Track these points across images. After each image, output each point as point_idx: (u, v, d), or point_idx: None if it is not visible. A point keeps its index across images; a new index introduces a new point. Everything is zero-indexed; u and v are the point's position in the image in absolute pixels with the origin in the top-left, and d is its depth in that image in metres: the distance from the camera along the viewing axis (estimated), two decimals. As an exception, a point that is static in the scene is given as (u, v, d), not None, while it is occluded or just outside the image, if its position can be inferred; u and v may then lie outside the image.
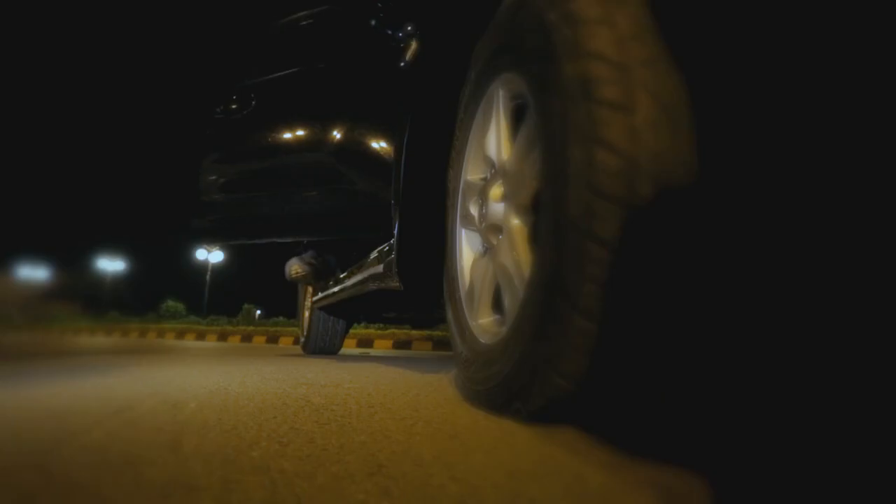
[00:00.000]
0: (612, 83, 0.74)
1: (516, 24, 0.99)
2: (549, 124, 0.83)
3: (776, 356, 0.77)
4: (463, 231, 1.32)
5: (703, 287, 0.75)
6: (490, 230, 1.15)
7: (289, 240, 3.06)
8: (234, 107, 2.59)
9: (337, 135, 2.33)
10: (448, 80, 1.46)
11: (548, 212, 0.83)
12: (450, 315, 1.33)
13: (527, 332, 0.86)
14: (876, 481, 0.63)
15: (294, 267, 3.24)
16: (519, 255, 1.00)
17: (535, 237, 0.95)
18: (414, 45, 1.69)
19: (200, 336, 11.21)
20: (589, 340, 0.75)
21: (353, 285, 2.40)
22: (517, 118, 1.09)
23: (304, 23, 2.70)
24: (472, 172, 1.29)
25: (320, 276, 3.25)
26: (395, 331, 8.24)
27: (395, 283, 1.72)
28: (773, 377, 0.80)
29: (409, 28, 1.87)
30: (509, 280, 1.03)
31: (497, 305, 1.12)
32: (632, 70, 0.74)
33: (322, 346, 4.01)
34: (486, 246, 1.18)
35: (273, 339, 8.75)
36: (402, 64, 1.76)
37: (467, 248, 1.30)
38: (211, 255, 31.61)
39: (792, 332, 0.74)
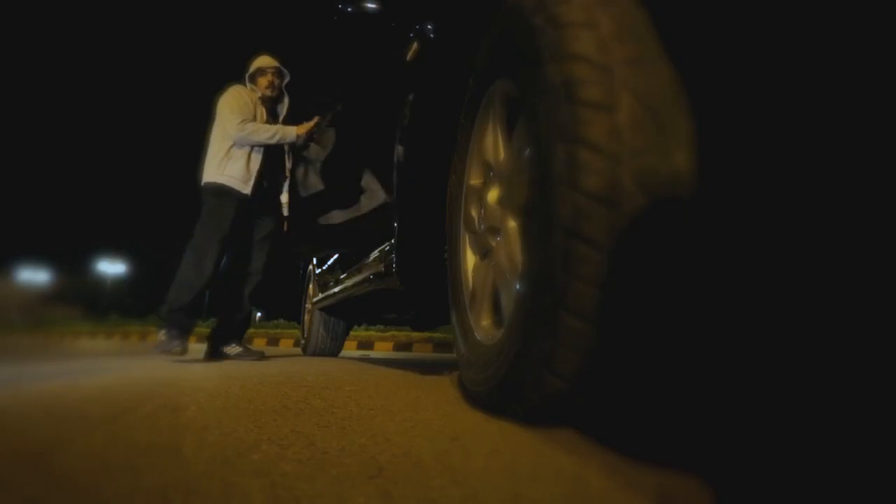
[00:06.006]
0: (595, 83, 0.74)
1: (508, 30, 1.00)
2: (537, 126, 0.84)
3: (775, 355, 0.77)
4: (466, 235, 1.32)
5: (697, 285, 0.75)
6: (489, 233, 1.15)
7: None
8: None
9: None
10: (449, 84, 1.46)
11: (537, 212, 0.84)
12: (454, 318, 1.33)
13: (522, 332, 0.86)
14: (876, 481, 0.62)
15: None
16: (514, 257, 1.00)
17: (527, 237, 0.95)
18: (416, 47, 1.69)
19: (201, 339, 11.19)
20: (581, 339, 0.75)
21: (354, 285, 2.40)
22: (512, 122, 1.10)
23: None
24: (473, 177, 1.29)
25: None
26: (396, 333, 8.23)
27: (395, 283, 1.72)
28: (773, 377, 0.80)
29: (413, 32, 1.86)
30: (506, 281, 1.03)
31: (497, 308, 1.12)
32: (614, 70, 0.74)
33: (322, 348, 4.01)
34: (486, 249, 1.18)
35: (274, 342, 8.74)
36: (405, 66, 1.76)
37: (470, 252, 1.30)
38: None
39: (790, 330, 0.74)
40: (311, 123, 3.03)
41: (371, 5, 1.96)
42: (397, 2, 2.03)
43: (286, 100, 3.33)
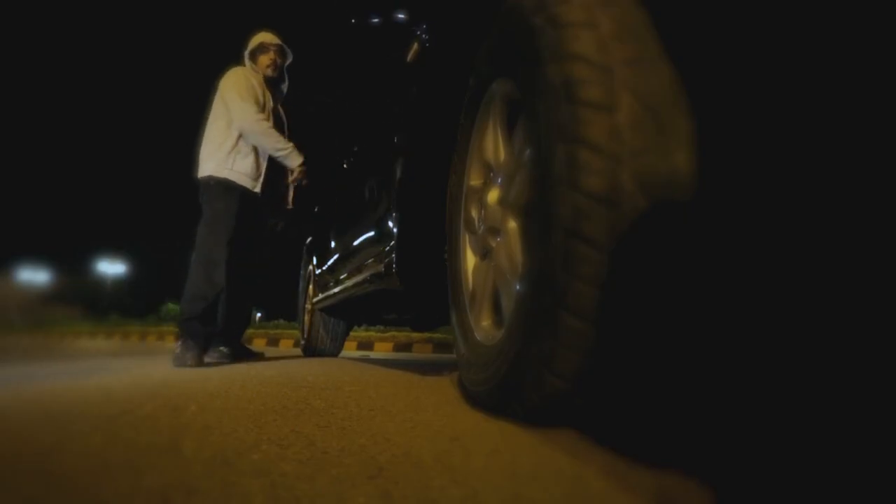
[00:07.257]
0: (595, 83, 0.74)
1: (508, 30, 1.00)
2: (537, 126, 0.84)
3: (775, 355, 0.77)
4: (466, 235, 1.32)
5: (697, 285, 0.75)
6: (489, 233, 1.15)
7: None
8: None
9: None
10: (449, 84, 1.47)
11: (537, 212, 0.84)
12: (454, 318, 1.33)
13: (522, 332, 0.86)
14: (876, 481, 0.62)
15: None
16: (514, 257, 1.00)
17: (527, 238, 0.95)
18: (416, 48, 1.69)
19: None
20: (581, 339, 0.75)
21: (354, 285, 2.40)
22: (512, 122, 1.10)
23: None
24: (473, 178, 1.29)
25: None
26: (396, 333, 8.22)
27: (395, 283, 1.72)
28: (773, 377, 0.80)
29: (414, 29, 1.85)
30: (506, 281, 1.03)
31: (497, 308, 1.12)
32: (614, 70, 0.74)
33: (322, 349, 4.00)
34: (486, 249, 1.18)
35: (273, 342, 8.74)
36: (405, 66, 1.76)
37: (470, 252, 1.30)
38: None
39: (791, 330, 0.74)
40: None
41: (402, 16, 1.95)
42: (399, 2, 2.03)
43: (286, 83, 3.14)
